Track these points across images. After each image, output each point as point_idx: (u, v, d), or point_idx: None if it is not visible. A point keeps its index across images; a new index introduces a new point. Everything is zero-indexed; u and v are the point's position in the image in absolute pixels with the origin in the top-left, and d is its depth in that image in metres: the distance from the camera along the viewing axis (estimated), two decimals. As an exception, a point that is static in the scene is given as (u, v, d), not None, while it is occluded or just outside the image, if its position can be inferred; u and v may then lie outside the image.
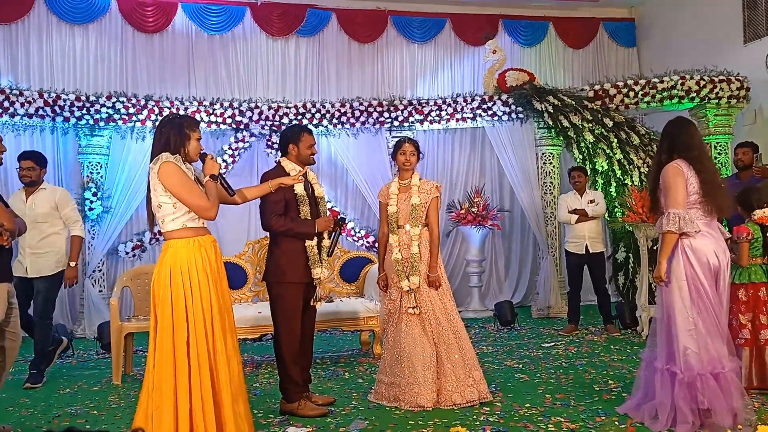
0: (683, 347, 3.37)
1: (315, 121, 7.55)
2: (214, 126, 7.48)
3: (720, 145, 7.37)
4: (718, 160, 7.28)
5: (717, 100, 7.25)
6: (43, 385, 4.89)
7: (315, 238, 3.93)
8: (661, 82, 7.37)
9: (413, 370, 3.94)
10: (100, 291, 7.18)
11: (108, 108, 7.00)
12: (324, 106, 7.62)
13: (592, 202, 6.41)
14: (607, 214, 6.99)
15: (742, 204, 4.25)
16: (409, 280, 4.05)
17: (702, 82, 7.21)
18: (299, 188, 3.92)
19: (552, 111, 7.38)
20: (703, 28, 8.22)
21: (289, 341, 3.90)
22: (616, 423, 3.51)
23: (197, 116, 7.32)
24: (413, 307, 4.02)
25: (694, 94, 7.24)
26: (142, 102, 7.17)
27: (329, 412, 3.94)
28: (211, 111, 7.44)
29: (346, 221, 7.53)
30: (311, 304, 4.02)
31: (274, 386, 4.45)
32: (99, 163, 7.20)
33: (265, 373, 5.10)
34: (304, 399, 3.97)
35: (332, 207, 7.92)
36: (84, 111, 6.93)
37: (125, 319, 5.23)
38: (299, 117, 7.53)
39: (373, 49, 8.80)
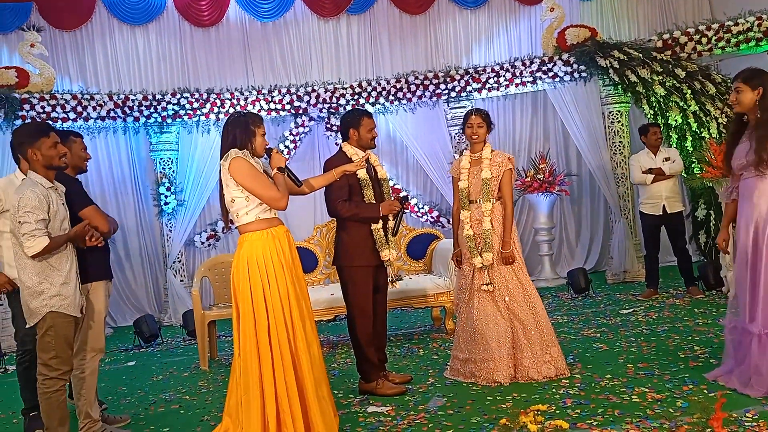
0: None
1: (372, 100, 7.53)
2: (273, 113, 7.59)
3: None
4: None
5: (800, 39, 6.74)
6: (138, 373, 5.17)
7: (380, 221, 3.94)
8: (736, 24, 6.92)
9: (487, 347, 3.92)
10: (182, 281, 7.50)
11: (173, 105, 7.25)
12: (379, 84, 7.58)
13: (667, 159, 6.09)
14: (684, 171, 6.65)
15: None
16: (482, 257, 4.00)
17: (782, 21, 6.71)
18: (362, 172, 3.94)
19: (618, 66, 7.04)
20: (780, -39, 7.60)
21: (363, 323, 3.96)
22: (705, 391, 3.37)
23: (256, 105, 7.48)
24: (487, 284, 3.98)
25: (774, 35, 6.75)
26: (205, 96, 7.38)
27: (407, 390, 3.99)
28: (270, 99, 7.56)
29: (409, 199, 7.52)
30: (390, 286, 4.07)
31: (351, 366, 4.53)
32: (170, 158, 7.48)
33: (342, 353, 5.19)
34: (382, 378, 4.03)
35: (394, 185, 7.90)
36: (152, 109, 7.21)
37: (207, 308, 5.48)
38: (356, 97, 7.53)
39: (425, 20, 8.61)
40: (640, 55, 7.05)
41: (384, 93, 7.55)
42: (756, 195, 3.35)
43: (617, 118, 7.41)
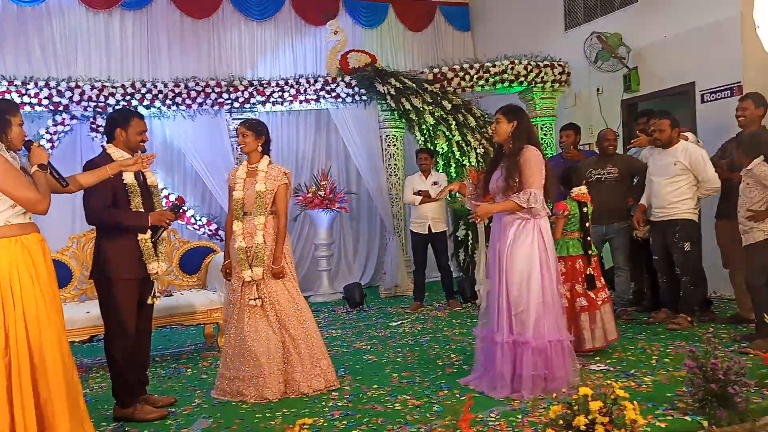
0: (535, 317, 3.57)
1: (146, 102, 7.02)
2: (28, 107, 6.68)
3: (546, 127, 7.94)
4: (545, 141, 7.83)
5: (542, 84, 7.78)
6: None
7: (148, 231, 3.64)
8: (494, 66, 7.75)
9: (257, 363, 3.81)
10: None
11: None
12: (156, 86, 7.10)
13: (435, 183, 6.61)
14: (448, 195, 7.24)
15: (563, 182, 4.59)
16: (251, 271, 3.89)
17: (529, 67, 7.69)
18: (129, 177, 3.62)
19: (394, 93, 7.48)
20: (529, 14, 8.76)
21: (123, 342, 3.61)
22: (458, 395, 3.64)
23: (6, 97, 6.51)
24: (255, 299, 3.87)
25: (523, 78, 7.70)
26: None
27: (169, 413, 3.70)
28: (23, 91, 6.66)
29: (183, 209, 7.13)
30: (148, 302, 3.74)
31: (107, 390, 4.09)
32: None
33: (97, 377, 4.68)
34: (141, 402, 3.70)
35: (168, 194, 7.46)
36: None
37: None
38: (127, 98, 6.96)
39: (209, 26, 8.35)
40: (414, 85, 7.56)
41: (161, 96, 7.08)
42: (505, 218, 3.73)
43: (393, 142, 7.84)
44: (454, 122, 7.58)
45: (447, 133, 7.57)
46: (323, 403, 3.70)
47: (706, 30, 6.35)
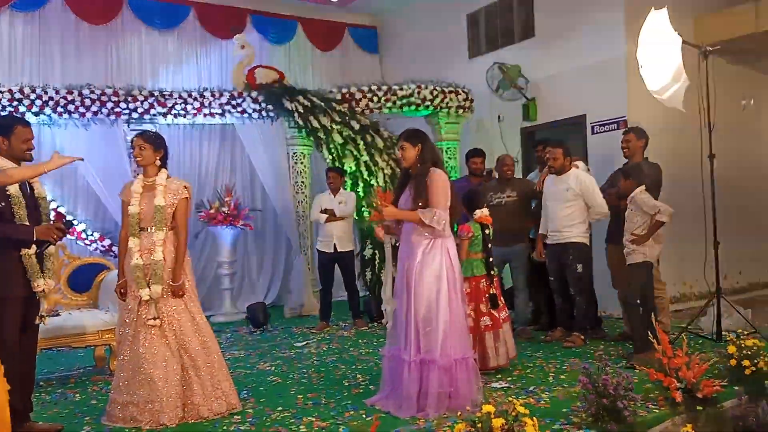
0: (443, 336, 3.62)
1: (35, 109, 6.58)
2: None
3: (450, 150, 8.18)
4: (449, 165, 8.07)
5: (447, 110, 8.03)
6: None
7: (34, 246, 3.40)
8: (401, 89, 7.91)
9: (153, 387, 3.61)
10: None
11: None
12: (46, 92, 6.67)
13: (341, 203, 6.61)
14: (356, 214, 7.28)
15: (467, 205, 4.75)
16: (150, 289, 3.70)
17: (435, 92, 7.91)
18: (13, 188, 3.37)
19: (302, 111, 7.45)
20: (435, 41, 9.05)
21: (5, 365, 3.31)
22: (364, 416, 3.63)
23: None
24: (153, 319, 3.69)
25: (429, 103, 7.91)
26: None
27: (53, 443, 3.44)
28: None
29: (74, 223, 6.71)
30: (36, 322, 3.48)
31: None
32: None
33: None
34: (25, 430, 3.42)
35: (57, 207, 7.00)
36: None
37: None
38: (14, 103, 6.49)
39: (106, 32, 7.99)
40: (322, 103, 7.57)
41: (51, 103, 6.66)
42: (413, 238, 3.80)
43: (300, 160, 7.79)
44: (362, 142, 7.64)
45: (355, 153, 7.62)
46: (224, 427, 3.57)
47: (596, 67, 6.83)
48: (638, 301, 4.69)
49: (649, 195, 4.82)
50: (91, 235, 7.28)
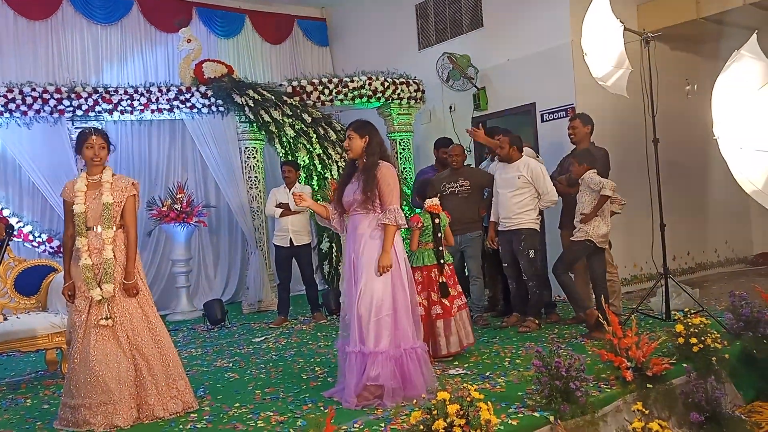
0: (388, 327, 3.62)
1: (-27, 108, 6.33)
2: None
3: (403, 141, 8.21)
4: (402, 155, 8.10)
5: (399, 101, 8.05)
6: None
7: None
8: (352, 81, 7.89)
9: (106, 389, 3.53)
10: None
11: None
12: (-15, 91, 6.43)
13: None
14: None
15: (419, 195, 4.78)
16: (101, 289, 3.62)
17: (386, 83, 7.92)
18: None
19: (253, 105, 7.35)
20: (385, 33, 9.05)
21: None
22: (322, 408, 3.62)
23: None
24: (105, 318, 3.60)
25: (380, 94, 7.92)
26: None
27: (3, 452, 3.34)
28: None
29: (16, 226, 6.50)
30: None
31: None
32: None
33: None
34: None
35: (1, 209, 6.77)
36: None
37: None
38: (-50, 102, 6.24)
39: (47, 28, 7.73)
40: (273, 97, 7.48)
41: (-11, 102, 6.42)
42: (359, 230, 3.80)
43: (253, 154, 7.69)
44: (314, 135, 7.60)
45: (308, 146, 7.58)
46: (180, 426, 3.52)
47: (544, 55, 6.95)
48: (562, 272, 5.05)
49: (596, 174, 5.00)
50: (39, 236, 7.06)
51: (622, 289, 5.92)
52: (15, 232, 3.55)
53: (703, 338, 3.96)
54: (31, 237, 7.02)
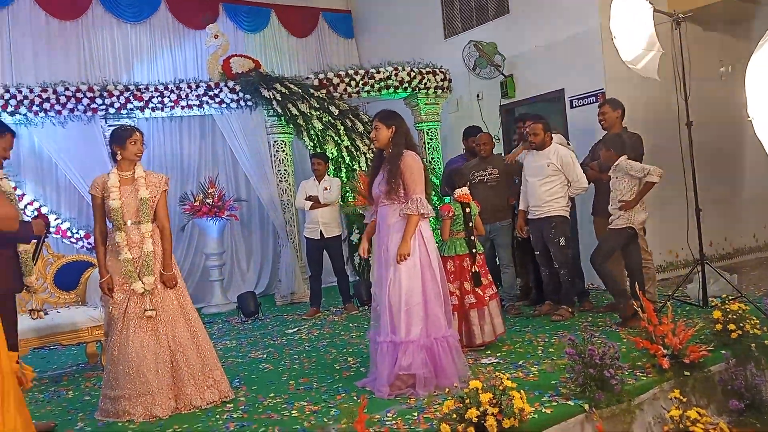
0: (419, 317, 3.63)
1: (10, 109, 6.49)
2: None
3: (431, 131, 8.18)
4: (431, 145, 8.07)
5: (426, 91, 8.00)
6: None
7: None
8: (378, 72, 7.86)
9: (145, 380, 3.62)
10: None
11: None
12: (20, 91, 6.57)
13: (326, 189, 6.60)
14: (341, 199, 7.26)
15: (447, 184, 4.76)
16: (143, 282, 3.71)
17: (412, 74, 7.88)
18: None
19: (280, 99, 7.39)
20: (410, 22, 8.99)
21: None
22: (355, 398, 3.65)
23: None
24: (150, 310, 3.69)
25: (407, 85, 7.88)
26: None
27: (48, 440, 3.45)
28: None
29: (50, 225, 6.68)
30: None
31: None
32: None
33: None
34: None
35: (39, 207, 6.95)
36: None
37: None
38: (-11, 104, 6.41)
39: (77, 28, 7.88)
40: (300, 90, 7.51)
41: (26, 102, 6.57)
42: (388, 220, 3.80)
43: (282, 148, 7.73)
44: (342, 127, 7.61)
45: (336, 138, 7.60)
46: (217, 416, 3.59)
47: (572, 41, 6.83)
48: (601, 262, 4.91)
49: (626, 159, 4.89)
50: (77, 232, 7.23)
51: (657, 276, 5.82)
52: (53, 229, 3.67)
53: (741, 324, 3.89)
54: (69, 233, 7.19)
